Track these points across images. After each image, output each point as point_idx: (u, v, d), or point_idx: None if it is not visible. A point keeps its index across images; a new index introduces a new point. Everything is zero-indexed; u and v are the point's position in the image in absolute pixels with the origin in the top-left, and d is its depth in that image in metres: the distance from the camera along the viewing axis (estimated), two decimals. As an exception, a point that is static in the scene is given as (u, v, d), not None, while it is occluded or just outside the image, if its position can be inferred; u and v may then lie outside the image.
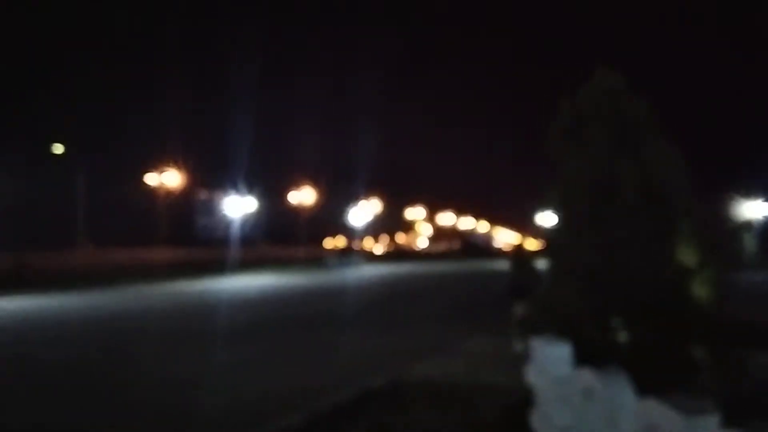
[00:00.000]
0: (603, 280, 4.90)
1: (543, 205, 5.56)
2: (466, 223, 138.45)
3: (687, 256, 5.14)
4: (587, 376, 2.82)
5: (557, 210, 5.44)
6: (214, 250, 55.93)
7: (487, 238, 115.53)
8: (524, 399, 5.89)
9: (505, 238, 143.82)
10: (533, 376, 3.48)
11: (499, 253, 75.57)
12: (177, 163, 68.03)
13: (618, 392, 2.72)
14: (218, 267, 32.37)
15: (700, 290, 5.09)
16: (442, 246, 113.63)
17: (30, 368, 8.67)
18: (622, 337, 5.05)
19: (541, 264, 7.57)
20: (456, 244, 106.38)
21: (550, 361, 3.24)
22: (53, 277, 23.64)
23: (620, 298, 4.91)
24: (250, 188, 46.44)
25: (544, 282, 9.19)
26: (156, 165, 66.50)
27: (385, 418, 5.48)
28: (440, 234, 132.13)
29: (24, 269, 25.50)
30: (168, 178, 67.84)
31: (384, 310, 15.87)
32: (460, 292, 21.97)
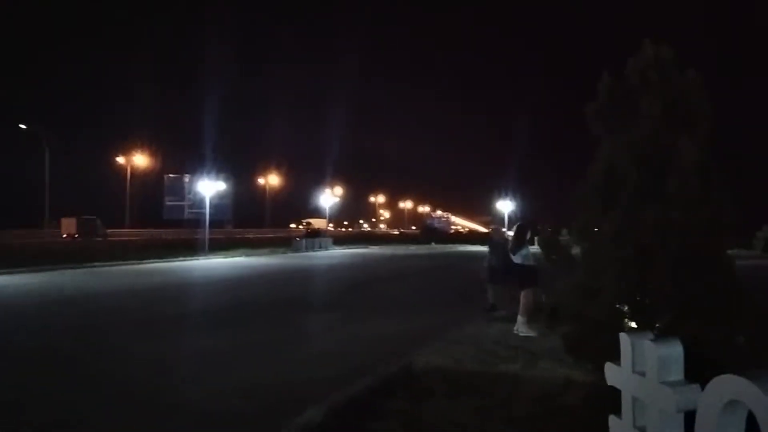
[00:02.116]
0: (653, 263, 4.34)
1: (580, 188, 4.91)
2: (425, 209, 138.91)
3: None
4: (736, 384, 2.19)
5: (596, 189, 4.84)
6: (182, 231, 54.38)
7: (445, 223, 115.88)
8: (555, 391, 5.36)
9: (461, 222, 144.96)
10: (627, 379, 2.85)
11: (455, 236, 75.93)
12: (146, 146, 65.85)
13: None
14: (188, 248, 31.12)
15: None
16: (403, 229, 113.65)
17: None
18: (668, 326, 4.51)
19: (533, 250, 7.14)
20: (416, 228, 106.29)
21: (660, 363, 2.61)
22: (19, 256, 22.09)
23: (670, 283, 4.36)
24: (219, 171, 44.90)
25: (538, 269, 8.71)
26: (126, 147, 64.18)
27: (410, 411, 4.82)
28: (400, 218, 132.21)
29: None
30: (137, 160, 65.54)
31: (364, 293, 15.19)
32: (431, 273, 21.48)
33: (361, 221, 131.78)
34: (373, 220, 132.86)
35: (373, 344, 8.17)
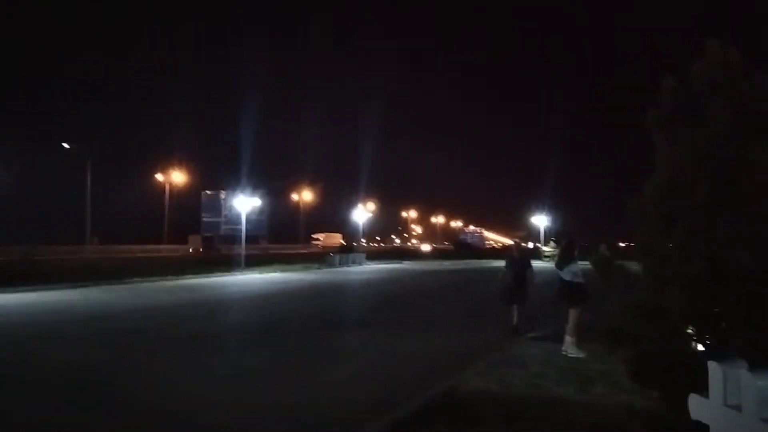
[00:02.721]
0: (725, 280, 3.94)
1: (636, 202, 4.54)
2: (458, 224, 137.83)
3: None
4: None
5: (658, 201, 4.46)
6: (221, 247, 54.95)
7: (479, 238, 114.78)
8: (616, 419, 4.97)
9: (494, 237, 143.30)
10: (717, 414, 2.50)
11: (489, 251, 74.80)
12: (184, 163, 66.98)
13: None
14: (225, 264, 31.30)
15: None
16: (436, 244, 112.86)
17: (23, 367, 7.60)
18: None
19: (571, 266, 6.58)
20: (449, 244, 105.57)
21: (760, 398, 2.26)
22: (61, 272, 22.44)
23: (744, 302, 3.95)
24: (255, 187, 45.32)
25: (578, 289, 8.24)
26: (164, 164, 65.42)
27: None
28: (433, 233, 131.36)
29: (32, 263, 24.32)
30: (175, 177, 66.69)
31: (399, 309, 14.88)
32: (467, 289, 21.00)
33: (393, 236, 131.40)
34: (405, 235, 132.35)
35: (411, 364, 7.85)
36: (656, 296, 4.44)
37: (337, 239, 78.42)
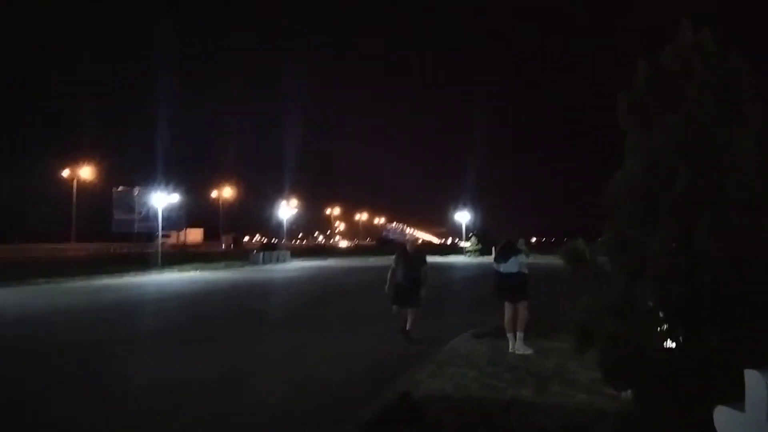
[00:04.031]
0: (712, 276, 3.70)
1: (608, 194, 4.25)
2: (381, 221, 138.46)
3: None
4: None
5: (633, 192, 4.18)
6: (132, 245, 52.07)
7: (401, 234, 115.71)
8: (582, 421, 4.67)
9: (417, 234, 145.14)
10: (757, 430, 2.15)
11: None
12: (93, 157, 62.94)
13: None
14: (140, 262, 29.49)
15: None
16: (359, 241, 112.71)
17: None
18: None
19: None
20: (371, 240, 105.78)
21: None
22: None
23: (729, 300, 3.73)
24: (171, 183, 43.13)
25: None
26: (72, 158, 61.18)
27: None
28: (356, 230, 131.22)
29: None
30: (83, 172, 62.47)
31: (331, 308, 14.32)
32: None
33: (316, 233, 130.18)
34: (329, 232, 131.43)
35: (355, 366, 7.34)
36: (630, 292, 4.18)
37: (198, 235, 76.56)
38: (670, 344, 4.16)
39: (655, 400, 4.09)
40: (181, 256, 36.38)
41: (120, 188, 60.40)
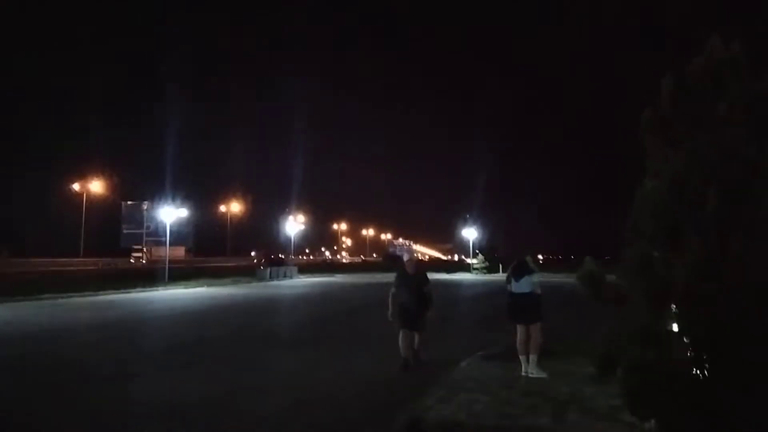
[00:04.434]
0: (739, 306, 3.49)
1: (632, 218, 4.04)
2: (387, 237, 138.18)
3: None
4: None
5: (658, 213, 3.97)
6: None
7: (407, 250, 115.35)
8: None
9: (422, 250, 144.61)
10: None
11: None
12: (103, 173, 63.23)
13: None
14: (147, 278, 29.35)
15: None
16: (364, 257, 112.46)
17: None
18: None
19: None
20: (378, 256, 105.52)
21: None
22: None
23: (760, 329, 3.51)
24: (179, 198, 43.15)
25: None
26: (81, 174, 61.49)
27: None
28: (362, 246, 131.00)
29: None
30: (93, 187, 62.74)
31: (339, 327, 14.12)
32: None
33: (323, 249, 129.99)
34: (335, 248, 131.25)
35: (364, 389, 7.10)
36: (654, 318, 3.96)
37: (180, 252, 70.37)
38: (696, 373, 3.95)
39: (679, 431, 3.86)
40: (189, 272, 36.22)
41: (129, 203, 60.66)
